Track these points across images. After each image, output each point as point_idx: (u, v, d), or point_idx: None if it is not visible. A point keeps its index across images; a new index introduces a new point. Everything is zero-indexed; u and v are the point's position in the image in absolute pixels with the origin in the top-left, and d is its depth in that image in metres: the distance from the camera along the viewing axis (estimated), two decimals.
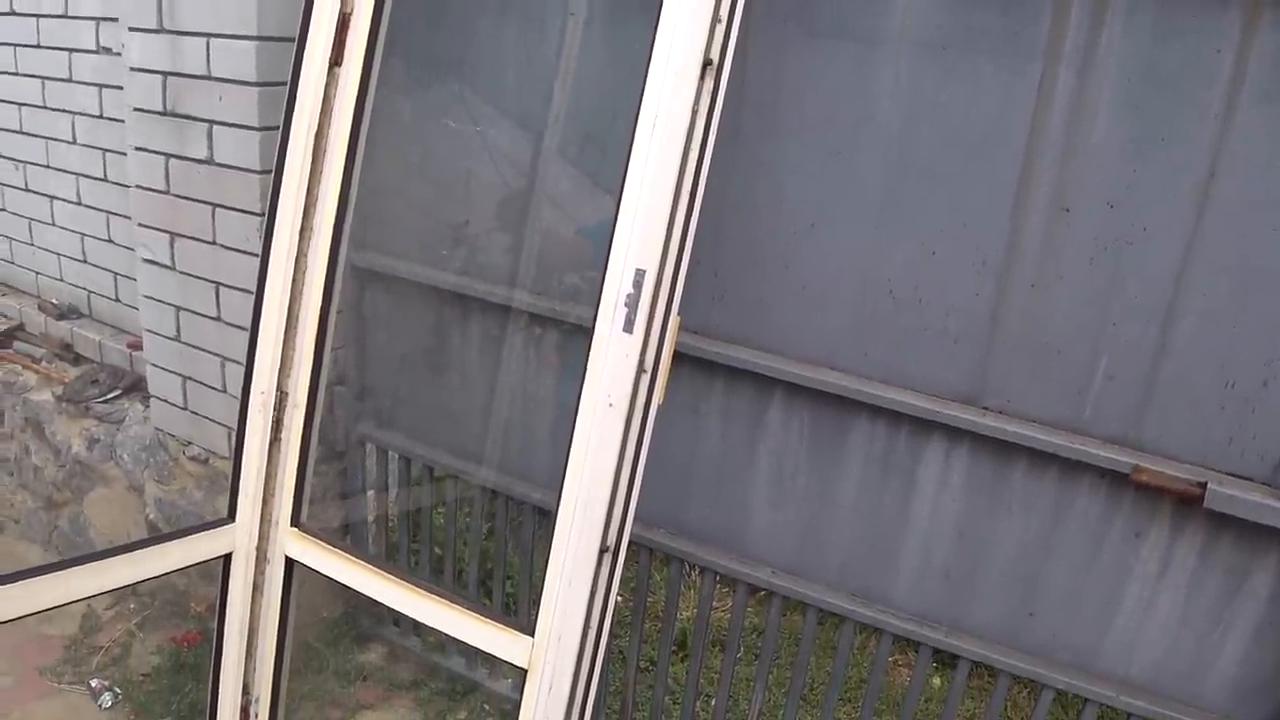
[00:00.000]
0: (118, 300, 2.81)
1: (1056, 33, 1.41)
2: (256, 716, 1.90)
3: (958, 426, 1.60)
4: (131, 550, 1.68)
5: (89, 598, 1.78)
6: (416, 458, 2.27)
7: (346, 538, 2.38)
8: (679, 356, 1.78)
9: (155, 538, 1.77)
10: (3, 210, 3.08)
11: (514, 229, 2.06)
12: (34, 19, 2.70)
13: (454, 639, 1.75)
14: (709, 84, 1.36)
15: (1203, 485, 1.43)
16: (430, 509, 2.36)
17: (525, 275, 2.05)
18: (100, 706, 2.23)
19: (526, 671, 1.54)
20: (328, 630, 2.42)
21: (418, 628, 2.40)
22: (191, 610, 2.43)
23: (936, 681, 2.23)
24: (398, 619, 2.43)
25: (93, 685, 2.29)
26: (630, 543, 1.94)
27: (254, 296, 1.75)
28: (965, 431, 1.60)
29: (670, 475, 1.91)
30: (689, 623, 2.27)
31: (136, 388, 2.61)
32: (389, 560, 2.33)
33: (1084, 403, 1.52)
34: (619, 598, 1.69)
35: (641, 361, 1.41)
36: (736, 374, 1.78)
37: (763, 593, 1.90)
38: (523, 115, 1.98)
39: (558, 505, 1.49)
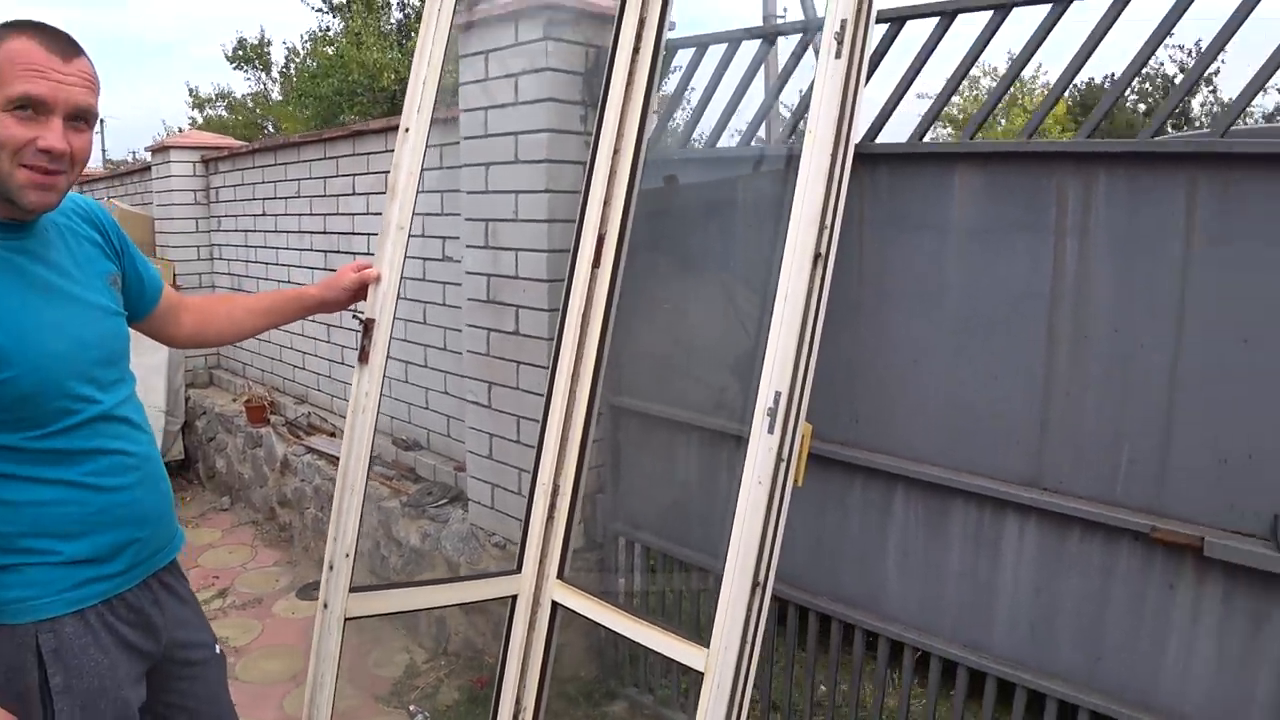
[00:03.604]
0: (449, 436, 3.84)
1: (1060, 215, 2.00)
2: (524, 709, 2.64)
3: (1025, 504, 2.10)
4: (457, 581, 2.53)
5: (427, 609, 2.59)
6: (655, 547, 3.01)
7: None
8: (830, 461, 2.44)
9: (471, 574, 2.59)
10: None
11: (716, 372, 2.82)
12: None
13: (681, 680, 2.42)
14: (820, 269, 2.08)
15: (1201, 539, 1.86)
16: (661, 579, 3.06)
17: (728, 404, 2.79)
18: None
19: (703, 674, 2.18)
20: (584, 686, 3.14)
21: (652, 688, 3.07)
22: (485, 662, 3.24)
23: None
24: (638, 681, 3.12)
25: (410, 709, 3.12)
26: (799, 608, 2.58)
27: (540, 424, 2.63)
28: (1031, 508, 2.10)
29: (826, 554, 2.52)
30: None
31: (459, 498, 3.57)
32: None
33: (1115, 481, 1.99)
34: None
35: (779, 452, 2.07)
36: (870, 473, 2.39)
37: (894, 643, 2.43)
38: (718, 290, 2.78)
39: (725, 554, 2.16)
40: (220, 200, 5.72)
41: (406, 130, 2.26)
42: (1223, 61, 17.33)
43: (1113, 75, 17.24)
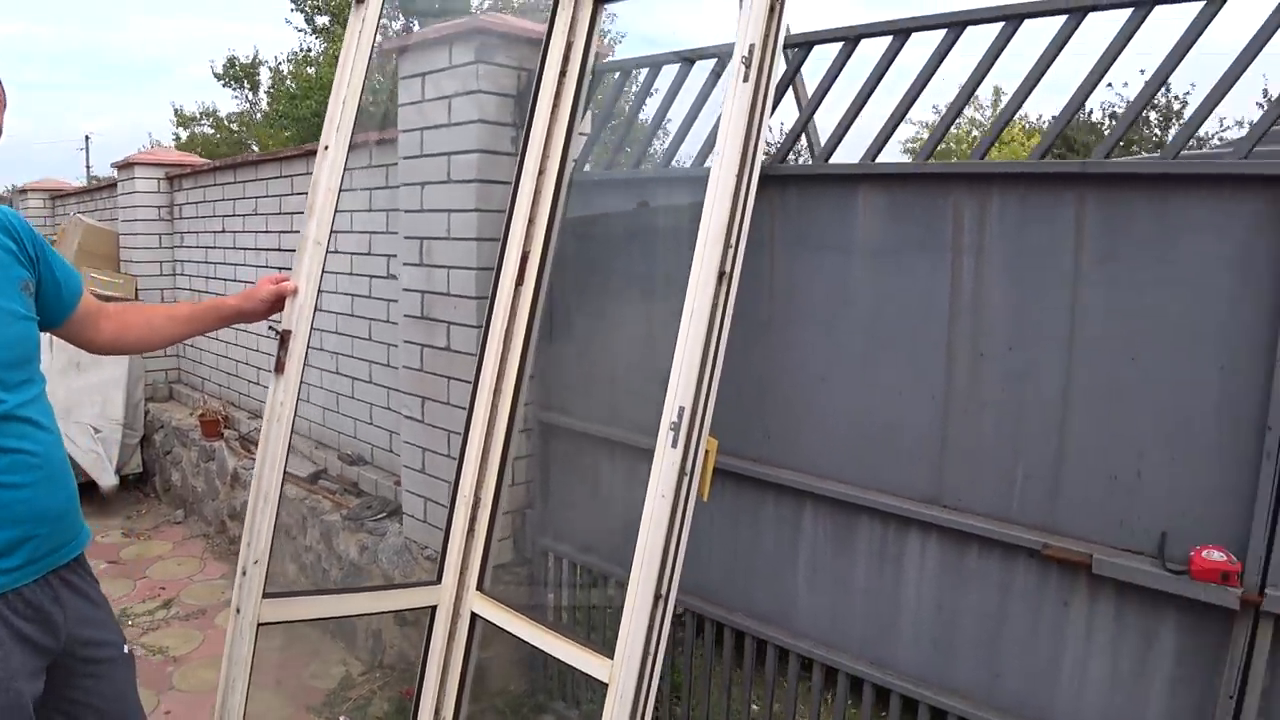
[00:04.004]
0: (391, 451, 3.86)
1: (957, 233, 2.04)
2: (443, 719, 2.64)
3: (926, 521, 2.13)
4: (376, 590, 2.53)
5: (343, 617, 2.59)
6: (581, 562, 3.02)
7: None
8: (743, 478, 2.47)
9: (391, 585, 2.60)
10: (320, 387, 4.31)
11: (638, 390, 2.85)
12: (349, 256, 3.95)
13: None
14: (725, 286, 2.11)
15: (1089, 557, 1.89)
16: (586, 594, 3.07)
17: (650, 421, 2.81)
18: None
19: (608, 685, 2.19)
20: (513, 700, 3.14)
21: (579, 702, 3.07)
22: (418, 674, 3.24)
23: None
24: (565, 695, 3.12)
25: (340, 719, 3.15)
26: (715, 623, 2.59)
27: (462, 437, 2.65)
28: (932, 525, 2.12)
29: (740, 569, 2.54)
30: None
31: (397, 512, 3.58)
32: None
33: (1011, 498, 2.02)
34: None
35: (683, 467, 2.09)
36: (781, 489, 2.41)
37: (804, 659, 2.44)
38: (641, 310, 2.80)
39: (630, 566, 2.18)
40: (183, 217, 5.74)
41: (326, 148, 2.29)
42: (1192, 86, 17.57)
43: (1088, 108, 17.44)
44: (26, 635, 1.58)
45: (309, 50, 14.43)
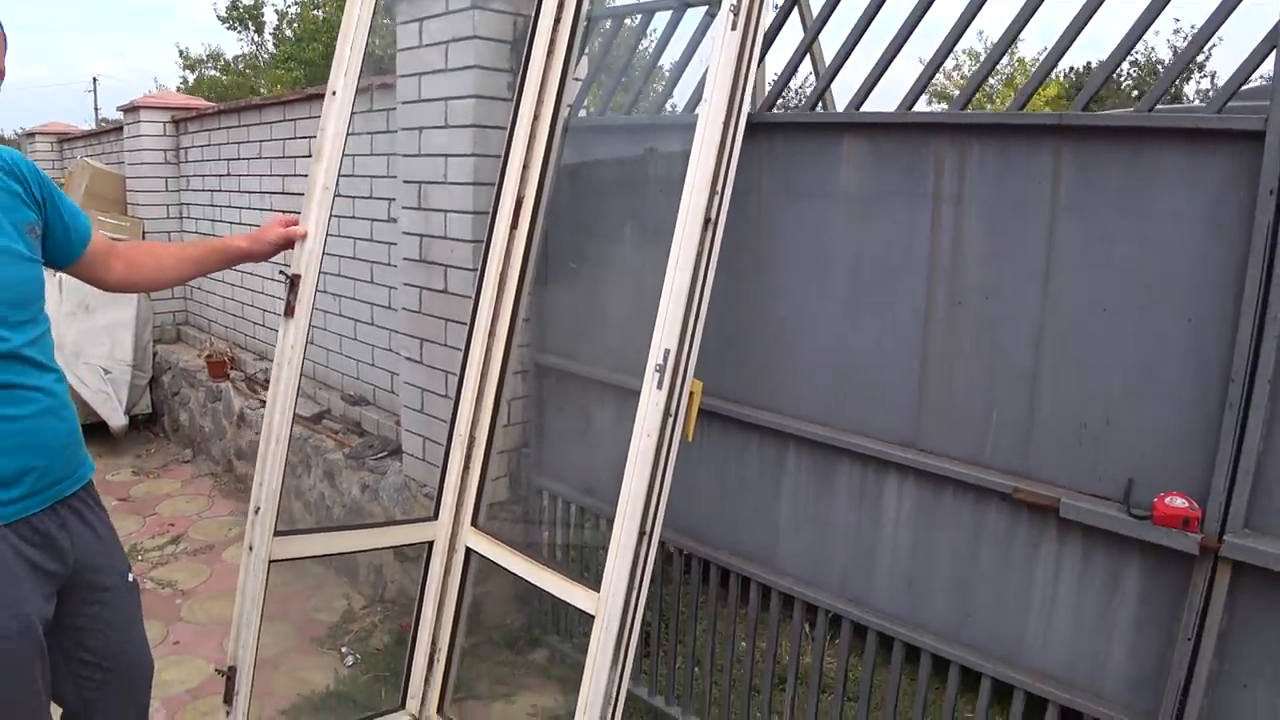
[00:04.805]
0: (392, 392, 3.93)
1: (938, 182, 2.07)
2: (438, 661, 2.75)
3: (903, 464, 2.18)
4: (377, 526, 2.62)
5: (347, 553, 2.67)
6: (574, 500, 3.11)
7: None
8: (729, 420, 2.53)
9: (389, 521, 2.69)
10: (324, 329, 4.38)
11: (630, 331, 2.90)
12: (351, 199, 3.98)
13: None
14: (710, 232, 2.16)
15: (1058, 500, 1.95)
16: (577, 532, 3.17)
17: (640, 363, 2.87)
18: (345, 664, 3.19)
19: (594, 617, 2.28)
20: (509, 634, 3.26)
21: (572, 635, 3.18)
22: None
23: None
24: (559, 629, 3.23)
25: (342, 650, 3.25)
26: (701, 560, 2.67)
27: (458, 378, 2.72)
28: (909, 467, 2.18)
29: (727, 509, 2.62)
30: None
31: (398, 451, 3.67)
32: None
33: (985, 443, 2.07)
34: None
35: (667, 408, 2.15)
36: (765, 431, 2.48)
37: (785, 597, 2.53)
38: (633, 254, 2.85)
39: (616, 504, 2.25)
40: (189, 160, 5.77)
41: (334, 93, 2.31)
42: (1220, 39, 17.23)
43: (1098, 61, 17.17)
44: (36, 562, 1.67)
45: None
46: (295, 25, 12.53)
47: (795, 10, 2.35)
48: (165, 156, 5.87)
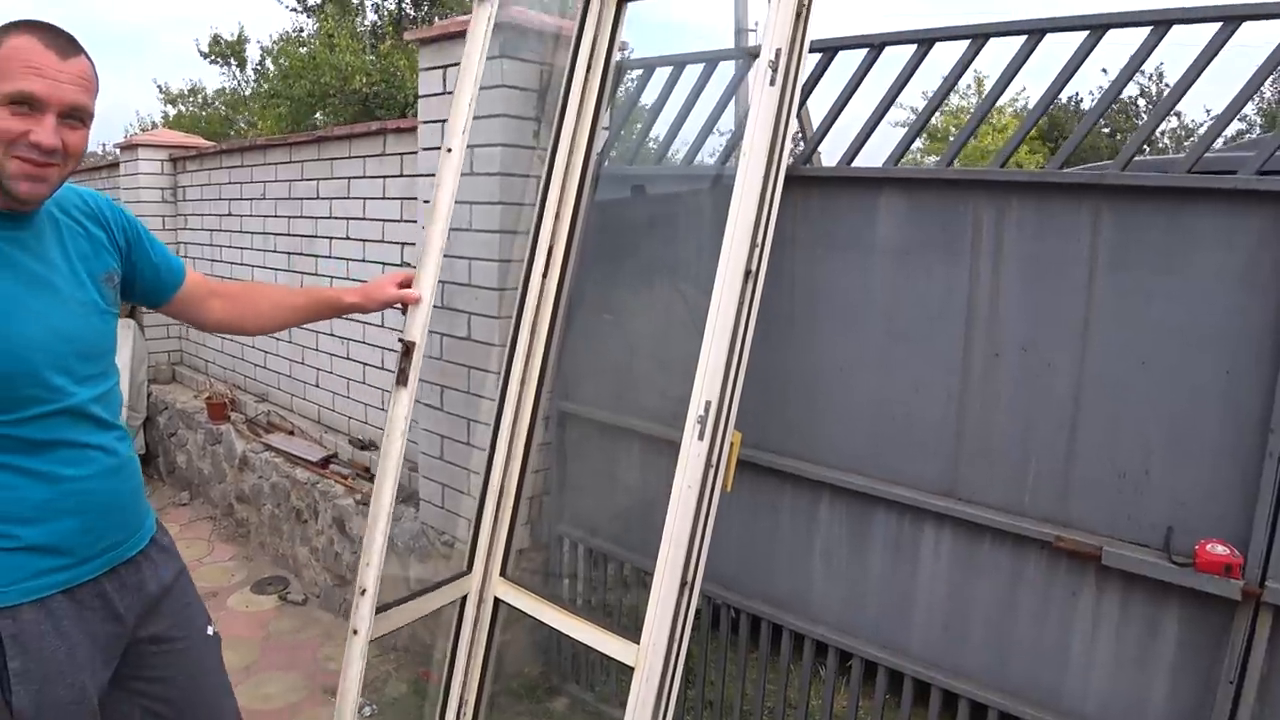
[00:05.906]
0: None
1: (976, 238, 2.12)
2: (464, 716, 2.72)
3: (941, 513, 2.22)
4: (423, 593, 2.59)
5: (414, 621, 2.61)
6: (596, 548, 3.11)
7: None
8: (763, 469, 2.55)
9: (434, 584, 2.65)
10: (331, 373, 4.36)
11: (658, 380, 2.92)
12: (360, 244, 3.99)
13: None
14: (750, 285, 2.19)
15: (1100, 549, 1.99)
16: (601, 576, 3.16)
17: (668, 412, 2.89)
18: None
19: (634, 669, 2.27)
20: (528, 682, 3.23)
21: (592, 685, 3.16)
22: (432, 656, 3.32)
23: None
24: (579, 678, 3.21)
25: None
26: (731, 609, 2.68)
27: (492, 427, 2.72)
28: (946, 516, 2.22)
29: (759, 557, 2.63)
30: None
31: (412, 498, 3.64)
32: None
33: (1023, 492, 2.12)
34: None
35: (708, 458, 2.17)
36: (799, 480, 2.50)
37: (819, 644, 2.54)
38: (662, 303, 2.88)
39: (658, 554, 2.26)
40: (187, 199, 5.75)
41: (449, 150, 2.31)
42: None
43: (1077, 96, 17.55)
44: (93, 629, 1.60)
45: (300, 30, 14.36)
46: (282, 62, 12.56)
47: (830, 66, 2.40)
48: (163, 195, 5.84)
